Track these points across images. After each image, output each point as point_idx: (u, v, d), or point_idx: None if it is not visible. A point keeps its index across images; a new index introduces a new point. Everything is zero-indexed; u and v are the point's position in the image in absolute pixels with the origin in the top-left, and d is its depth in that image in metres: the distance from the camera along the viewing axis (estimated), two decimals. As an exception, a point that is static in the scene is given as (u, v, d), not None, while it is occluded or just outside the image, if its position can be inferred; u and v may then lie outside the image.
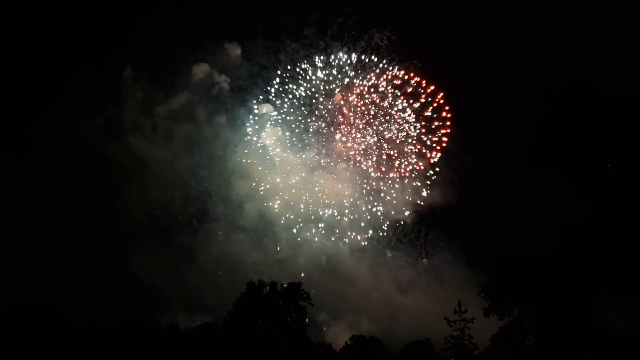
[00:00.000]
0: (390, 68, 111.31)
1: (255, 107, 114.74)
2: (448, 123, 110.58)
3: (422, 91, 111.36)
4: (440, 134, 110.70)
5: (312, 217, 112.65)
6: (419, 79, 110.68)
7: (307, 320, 73.08)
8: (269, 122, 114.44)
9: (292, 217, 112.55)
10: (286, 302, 72.30)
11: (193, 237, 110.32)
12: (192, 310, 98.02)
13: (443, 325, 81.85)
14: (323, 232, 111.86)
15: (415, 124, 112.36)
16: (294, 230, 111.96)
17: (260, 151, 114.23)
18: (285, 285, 73.30)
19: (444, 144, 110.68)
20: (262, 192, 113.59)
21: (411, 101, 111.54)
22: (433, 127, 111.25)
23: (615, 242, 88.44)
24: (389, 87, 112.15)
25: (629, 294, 79.45)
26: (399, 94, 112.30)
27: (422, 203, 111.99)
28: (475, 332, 66.05)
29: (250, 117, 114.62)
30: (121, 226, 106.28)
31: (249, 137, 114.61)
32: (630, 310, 74.74)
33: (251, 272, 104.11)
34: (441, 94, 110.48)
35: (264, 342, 69.67)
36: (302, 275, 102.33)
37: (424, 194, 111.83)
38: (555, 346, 61.85)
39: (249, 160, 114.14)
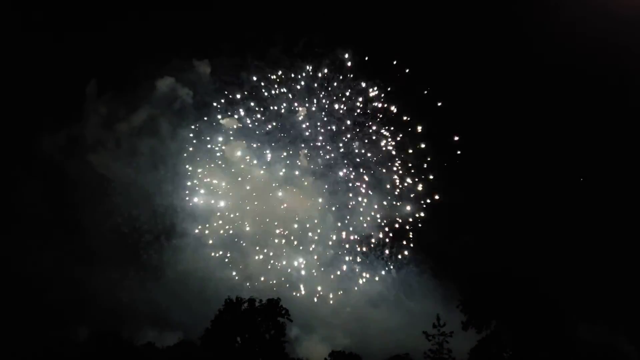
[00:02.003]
0: (355, 85, 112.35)
1: (220, 121, 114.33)
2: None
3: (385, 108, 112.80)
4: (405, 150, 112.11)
5: (280, 232, 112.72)
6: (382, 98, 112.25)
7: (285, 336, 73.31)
8: (233, 137, 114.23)
9: (259, 231, 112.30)
10: (265, 319, 72.43)
11: (160, 253, 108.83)
12: (161, 327, 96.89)
13: (414, 337, 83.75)
14: (291, 246, 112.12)
15: (382, 138, 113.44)
16: (263, 245, 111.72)
17: (224, 166, 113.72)
18: (264, 301, 73.43)
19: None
20: (228, 207, 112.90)
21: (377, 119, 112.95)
22: (400, 142, 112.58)
23: (588, 252, 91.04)
24: (355, 103, 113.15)
25: (604, 304, 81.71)
26: (362, 111, 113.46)
27: (388, 216, 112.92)
28: (454, 346, 67.37)
29: (215, 131, 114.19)
30: (87, 244, 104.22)
31: (213, 152, 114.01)
32: (607, 320, 76.90)
33: (220, 289, 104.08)
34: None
35: (243, 360, 69.65)
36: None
37: (391, 206, 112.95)
38: (533, 358, 63.50)
39: (214, 175, 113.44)
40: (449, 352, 66.74)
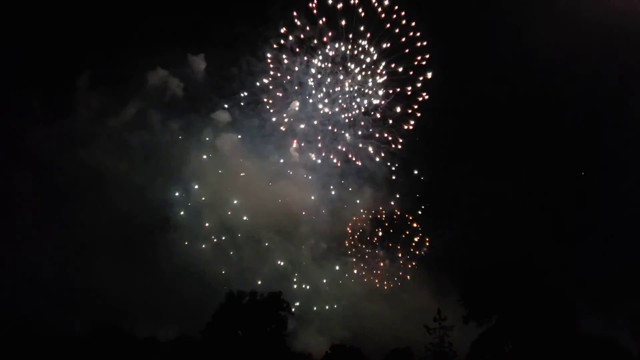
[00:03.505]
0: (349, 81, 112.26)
1: (212, 114, 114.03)
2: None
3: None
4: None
5: (273, 225, 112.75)
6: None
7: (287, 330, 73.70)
8: (226, 130, 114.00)
9: (253, 225, 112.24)
10: (266, 312, 72.74)
11: (154, 247, 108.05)
12: (156, 321, 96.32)
13: (411, 330, 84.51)
14: (284, 239, 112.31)
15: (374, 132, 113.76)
16: (256, 239, 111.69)
17: (217, 159, 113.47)
18: (265, 295, 73.71)
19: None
20: (222, 201, 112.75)
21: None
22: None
23: (589, 246, 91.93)
24: (346, 99, 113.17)
25: (605, 297, 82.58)
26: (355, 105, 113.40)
27: (380, 209, 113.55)
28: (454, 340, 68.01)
29: (207, 124, 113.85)
30: (80, 238, 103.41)
31: (206, 145, 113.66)
32: (608, 313, 77.79)
33: (214, 282, 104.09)
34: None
35: (244, 353, 69.83)
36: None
37: (384, 199, 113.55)
38: (534, 352, 64.19)
39: (207, 168, 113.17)
40: (450, 346, 67.57)
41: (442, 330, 67.47)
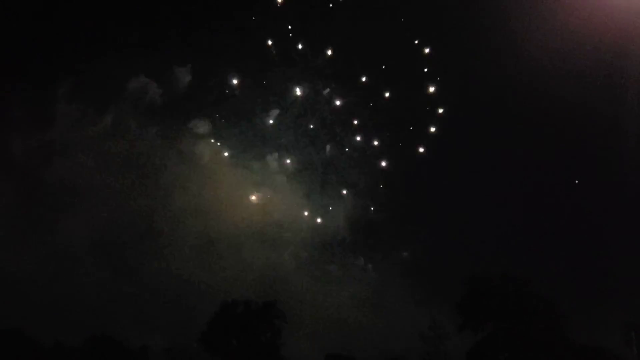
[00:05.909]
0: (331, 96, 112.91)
1: (193, 122, 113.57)
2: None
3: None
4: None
5: (255, 233, 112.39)
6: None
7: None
8: (207, 138, 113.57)
9: (235, 233, 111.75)
10: (260, 322, 72.81)
11: (136, 255, 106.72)
12: (142, 330, 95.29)
13: (399, 338, 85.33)
14: (267, 248, 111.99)
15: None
16: (239, 247, 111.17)
17: (199, 167, 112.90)
18: (260, 304, 73.81)
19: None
20: (203, 208, 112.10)
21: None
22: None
23: (584, 255, 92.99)
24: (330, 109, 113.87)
25: (598, 306, 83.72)
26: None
27: (363, 218, 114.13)
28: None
29: (188, 132, 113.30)
30: (63, 248, 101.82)
31: (187, 152, 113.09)
32: (599, 322, 79.01)
33: (198, 291, 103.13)
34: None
35: (239, 363, 69.87)
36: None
37: (365, 206, 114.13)
38: (528, 360, 65.30)
39: (188, 175, 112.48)
40: (445, 355, 68.49)
41: (438, 339, 68.50)
